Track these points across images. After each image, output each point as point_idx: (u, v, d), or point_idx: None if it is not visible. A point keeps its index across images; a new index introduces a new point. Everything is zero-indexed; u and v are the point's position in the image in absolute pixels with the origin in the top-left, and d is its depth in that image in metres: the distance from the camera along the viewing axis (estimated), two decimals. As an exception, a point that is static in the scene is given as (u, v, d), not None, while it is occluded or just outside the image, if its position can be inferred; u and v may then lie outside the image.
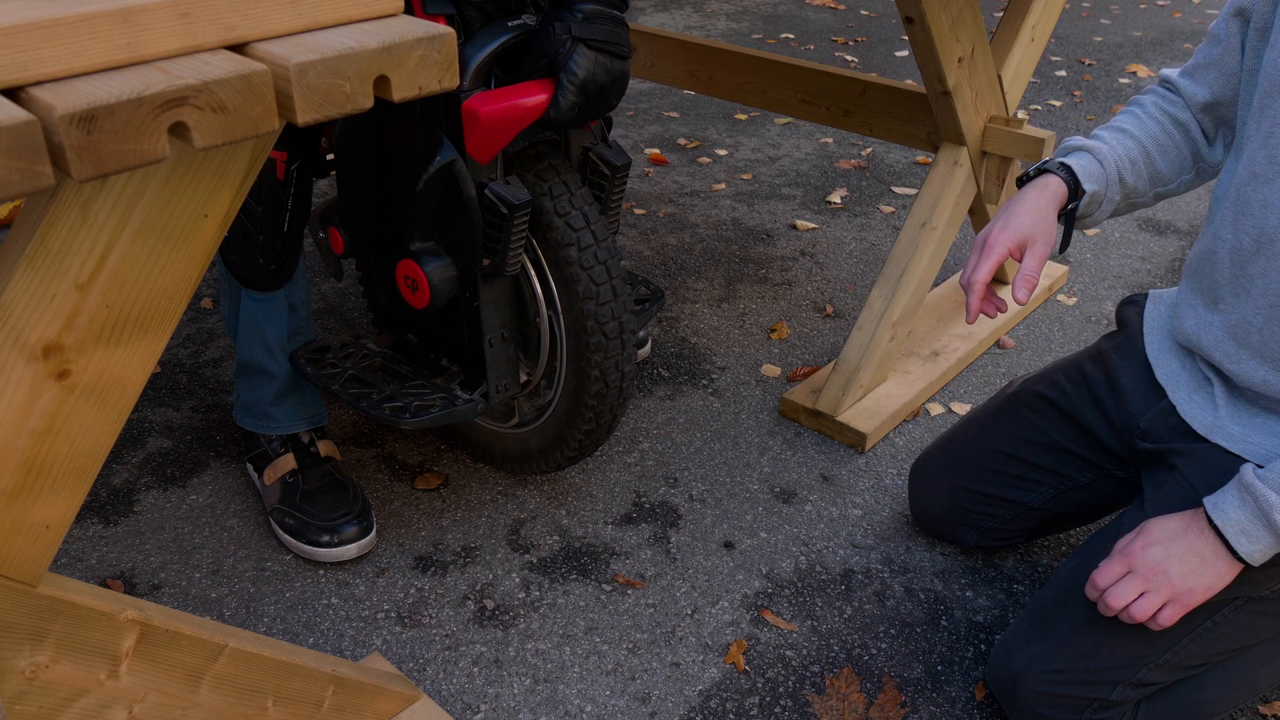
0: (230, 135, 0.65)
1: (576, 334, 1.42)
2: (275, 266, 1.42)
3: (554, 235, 1.37)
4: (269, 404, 1.59)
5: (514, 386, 1.51)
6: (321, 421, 1.64)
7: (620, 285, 1.42)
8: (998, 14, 4.06)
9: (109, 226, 0.77)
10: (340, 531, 1.51)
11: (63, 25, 0.61)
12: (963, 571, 1.53)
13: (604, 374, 1.43)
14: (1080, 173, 1.29)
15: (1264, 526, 1.05)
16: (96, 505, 1.64)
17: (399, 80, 0.71)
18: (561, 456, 1.56)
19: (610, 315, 1.41)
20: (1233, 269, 1.17)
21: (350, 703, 1.18)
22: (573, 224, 1.37)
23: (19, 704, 0.90)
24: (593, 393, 1.45)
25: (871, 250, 2.45)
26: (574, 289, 1.39)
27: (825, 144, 3.06)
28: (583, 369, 1.43)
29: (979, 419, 1.50)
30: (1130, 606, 1.10)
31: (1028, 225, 1.26)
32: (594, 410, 1.47)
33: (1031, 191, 1.28)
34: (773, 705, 1.32)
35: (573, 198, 1.38)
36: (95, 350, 0.81)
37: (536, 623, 1.44)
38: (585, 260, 1.38)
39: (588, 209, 1.39)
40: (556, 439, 1.54)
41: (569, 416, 1.50)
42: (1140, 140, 1.33)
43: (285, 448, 1.60)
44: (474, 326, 1.44)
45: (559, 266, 1.39)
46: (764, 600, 1.48)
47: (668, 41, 2.22)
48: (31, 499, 0.84)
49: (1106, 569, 1.13)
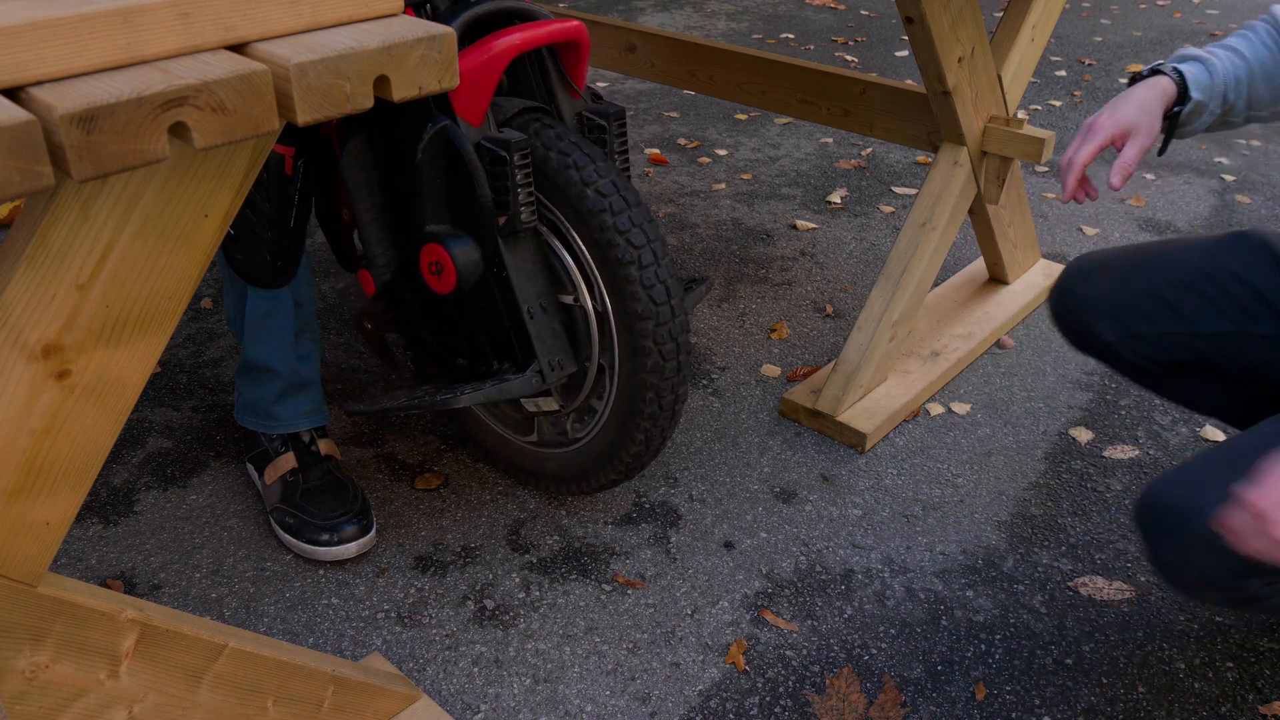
0: (230, 135, 0.65)
1: (621, 301, 1.35)
2: (282, 263, 1.42)
3: (584, 205, 1.33)
4: (272, 403, 1.59)
5: (569, 363, 1.43)
6: (322, 421, 1.64)
7: (660, 248, 1.36)
8: (998, 14, 4.06)
9: (109, 226, 0.77)
10: (340, 530, 1.51)
11: (63, 25, 0.61)
12: (962, 571, 1.53)
13: (658, 344, 1.36)
14: (1190, 80, 1.31)
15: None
16: (96, 505, 1.64)
17: (399, 80, 0.71)
18: (605, 478, 1.51)
19: (654, 277, 1.34)
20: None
21: (350, 703, 1.18)
22: (602, 190, 1.33)
23: (19, 704, 0.90)
24: (649, 366, 1.37)
25: (871, 250, 2.45)
26: (610, 254, 1.33)
27: (825, 144, 3.06)
28: (635, 343, 1.37)
29: (1190, 240, 1.43)
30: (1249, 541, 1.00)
31: (1134, 115, 1.29)
32: (654, 389, 1.39)
33: (1141, 88, 1.31)
34: (773, 705, 1.32)
35: (586, 151, 1.35)
36: (95, 350, 0.81)
37: (536, 623, 1.44)
38: (620, 224, 1.33)
39: (601, 159, 1.35)
40: (605, 454, 1.48)
41: (624, 415, 1.43)
42: (1249, 62, 1.34)
43: (286, 447, 1.60)
44: (509, 300, 1.38)
45: (588, 229, 1.34)
46: (764, 600, 1.48)
47: (668, 41, 2.22)
48: (31, 499, 0.84)
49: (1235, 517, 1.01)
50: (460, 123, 1.32)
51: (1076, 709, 1.33)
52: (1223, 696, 1.34)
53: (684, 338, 1.39)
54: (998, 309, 2.13)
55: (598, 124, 1.43)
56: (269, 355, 1.55)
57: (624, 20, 2.99)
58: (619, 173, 1.36)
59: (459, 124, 1.32)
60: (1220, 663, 1.39)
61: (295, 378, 1.58)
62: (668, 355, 1.37)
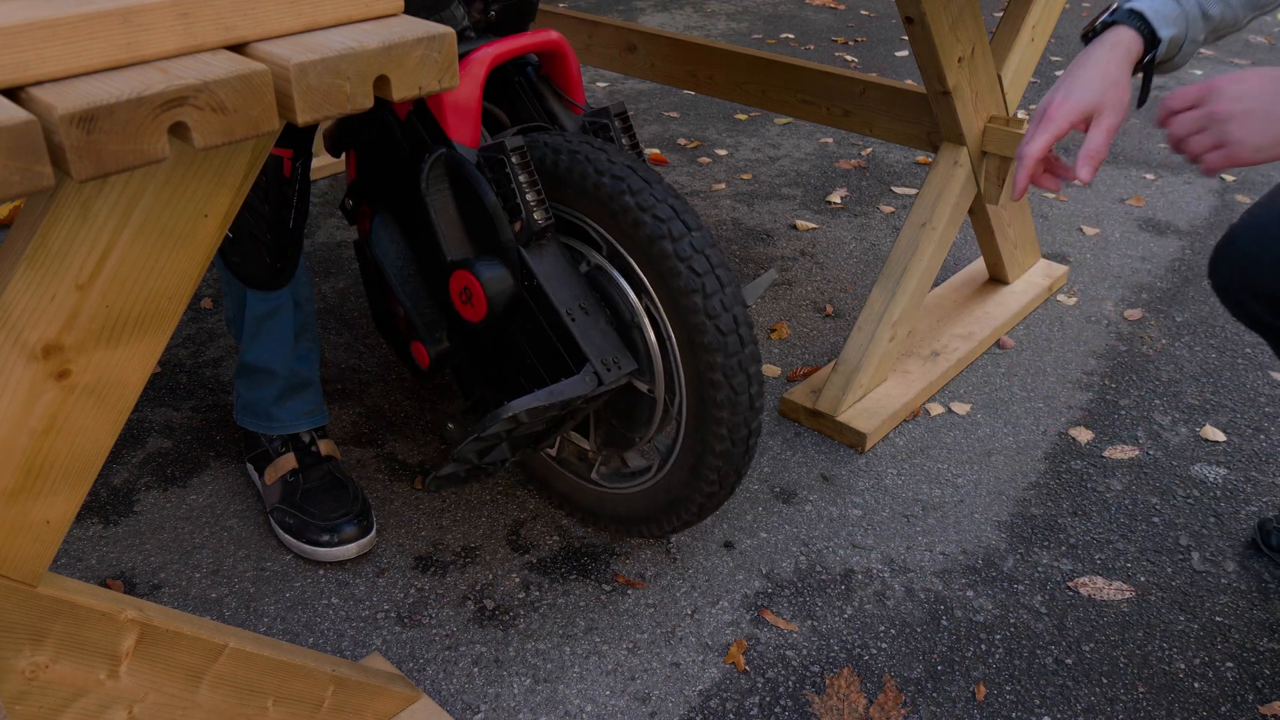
0: (230, 135, 0.65)
1: (686, 332, 1.27)
2: (281, 264, 1.43)
3: (626, 220, 1.26)
4: (271, 403, 1.59)
5: (626, 361, 1.31)
6: (322, 421, 1.64)
7: (726, 274, 1.26)
8: (998, 14, 4.06)
9: (109, 226, 0.77)
10: (340, 531, 1.51)
11: (63, 25, 0.61)
12: (962, 571, 1.53)
13: (727, 377, 1.27)
14: (1154, 17, 1.13)
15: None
16: (96, 505, 1.64)
17: (399, 80, 0.71)
18: (701, 494, 1.40)
19: (720, 305, 1.25)
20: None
21: (350, 703, 1.18)
22: (633, 188, 1.26)
23: (19, 704, 0.90)
24: (714, 364, 1.27)
25: (871, 250, 2.45)
26: (674, 284, 1.24)
27: (825, 144, 3.06)
28: (701, 375, 1.27)
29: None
30: (1186, 141, 1.04)
31: (1095, 92, 1.11)
32: (727, 406, 1.29)
33: (1098, 51, 1.12)
34: (773, 705, 1.32)
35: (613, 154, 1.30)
36: (95, 350, 0.81)
37: (536, 623, 1.44)
38: (682, 250, 1.24)
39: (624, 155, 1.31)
40: (683, 489, 1.38)
41: (697, 442, 1.33)
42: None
43: (286, 447, 1.60)
44: (546, 309, 1.31)
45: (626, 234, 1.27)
46: (764, 600, 1.48)
47: (668, 41, 2.22)
48: (31, 499, 0.84)
49: (1184, 91, 1.04)
50: (457, 147, 1.32)
51: (1076, 709, 1.33)
52: (1223, 696, 1.34)
53: (755, 369, 1.29)
54: (998, 309, 2.13)
55: (600, 124, 1.40)
56: (268, 357, 1.55)
57: (624, 20, 2.99)
58: (676, 196, 1.28)
59: (456, 148, 1.32)
60: (1220, 663, 1.39)
61: (295, 379, 1.58)
62: (739, 388, 1.28)
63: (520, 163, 1.29)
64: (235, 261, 1.43)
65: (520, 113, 1.45)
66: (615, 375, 1.30)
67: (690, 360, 1.28)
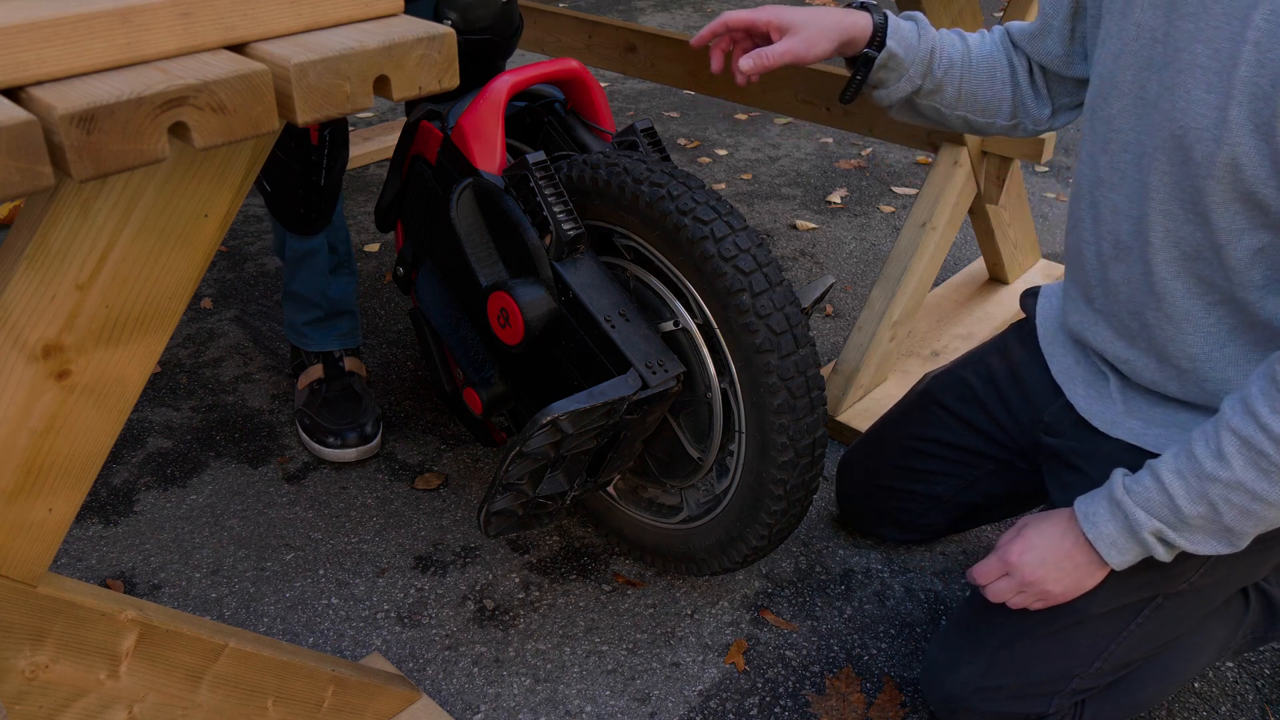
0: (230, 135, 0.65)
1: (732, 327, 1.21)
2: (315, 215, 1.54)
3: (671, 225, 1.22)
4: (307, 325, 1.80)
5: (673, 364, 1.25)
6: (354, 343, 1.84)
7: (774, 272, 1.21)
8: (998, 14, 4.06)
9: (109, 226, 0.77)
10: (344, 436, 1.71)
11: (63, 25, 0.61)
12: (963, 572, 1.53)
13: (784, 380, 1.21)
14: (892, 28, 1.24)
15: (1133, 541, 1.06)
16: (96, 505, 1.64)
17: (399, 80, 0.71)
18: (719, 565, 1.36)
19: (770, 304, 1.20)
20: (1099, 271, 1.16)
21: (350, 703, 1.18)
22: (681, 200, 1.22)
23: (19, 704, 0.90)
24: (769, 367, 1.20)
25: (871, 250, 2.45)
26: (719, 284, 1.20)
27: (825, 144, 3.06)
28: (756, 380, 1.21)
29: (892, 415, 1.50)
30: (1007, 600, 1.15)
31: (803, 19, 1.22)
32: (787, 429, 1.22)
33: (833, 9, 1.24)
34: (773, 705, 1.32)
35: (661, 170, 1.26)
36: (95, 350, 0.81)
37: (536, 623, 1.44)
38: (726, 250, 1.20)
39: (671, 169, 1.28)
40: (740, 525, 1.31)
41: (758, 462, 1.26)
42: (969, 52, 1.28)
43: (318, 359, 1.82)
44: (586, 320, 1.26)
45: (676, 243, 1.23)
46: (764, 600, 1.48)
47: (668, 41, 2.22)
48: (31, 499, 0.84)
49: (985, 567, 1.15)
50: (484, 175, 1.34)
51: (1076, 709, 1.33)
52: (1222, 696, 1.34)
53: (814, 372, 1.22)
54: (998, 309, 2.13)
55: (629, 142, 1.36)
56: (306, 289, 1.75)
57: (624, 20, 2.99)
58: (718, 198, 1.24)
59: (483, 176, 1.33)
60: (1220, 663, 1.38)
61: (330, 308, 1.78)
62: (797, 392, 1.21)
63: (544, 177, 1.27)
64: (274, 208, 1.57)
65: (553, 149, 1.47)
66: (661, 377, 1.23)
67: (742, 362, 1.22)
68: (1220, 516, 1.00)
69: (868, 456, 1.51)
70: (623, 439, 1.29)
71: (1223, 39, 0.95)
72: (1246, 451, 0.96)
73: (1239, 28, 0.93)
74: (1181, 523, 1.02)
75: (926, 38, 1.26)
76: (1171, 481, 1.01)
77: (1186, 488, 1.01)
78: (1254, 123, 0.93)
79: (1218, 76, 0.95)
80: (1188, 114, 0.98)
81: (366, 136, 2.95)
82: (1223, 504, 0.99)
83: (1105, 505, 1.07)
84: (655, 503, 1.46)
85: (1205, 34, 0.96)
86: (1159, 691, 1.25)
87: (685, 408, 1.32)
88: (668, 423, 1.34)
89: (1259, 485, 0.96)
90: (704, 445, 1.32)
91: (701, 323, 1.25)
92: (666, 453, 1.37)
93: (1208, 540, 1.02)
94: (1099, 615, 1.15)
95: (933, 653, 1.25)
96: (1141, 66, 1.05)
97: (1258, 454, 0.96)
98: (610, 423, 1.23)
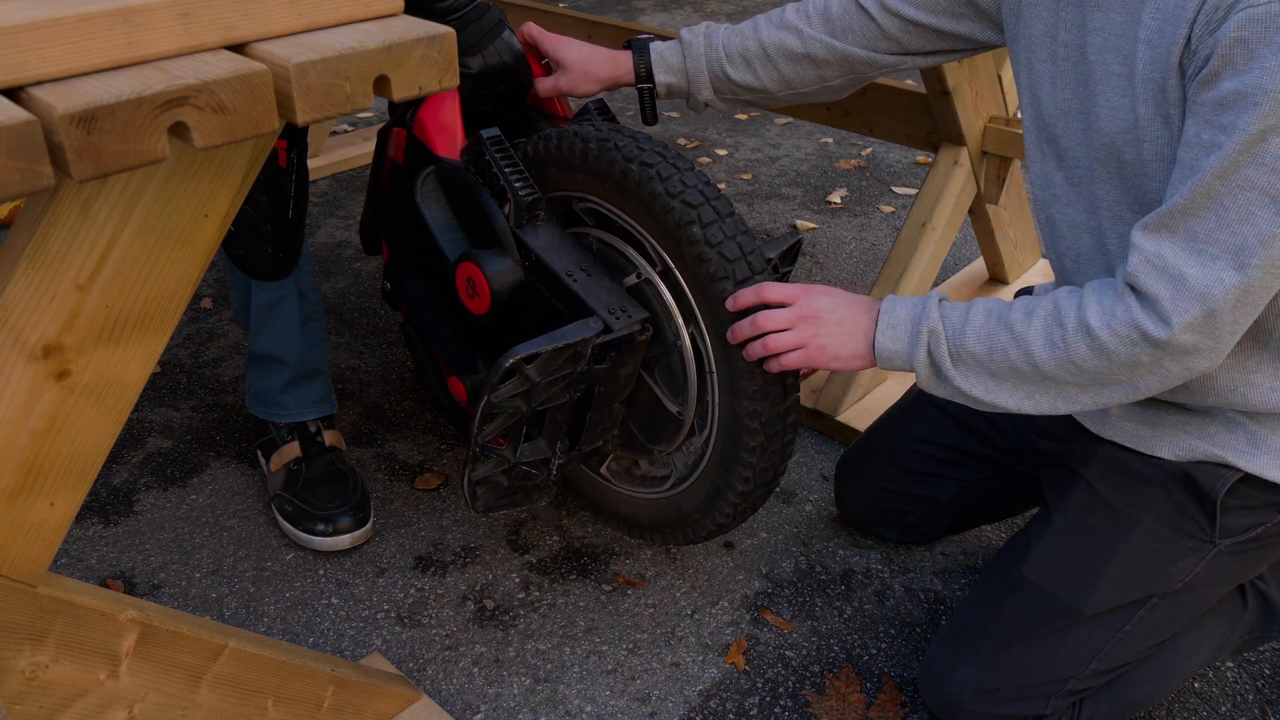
0: (230, 135, 0.65)
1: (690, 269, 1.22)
2: (284, 254, 1.45)
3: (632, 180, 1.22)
4: (279, 392, 1.62)
5: (635, 310, 1.25)
6: (329, 410, 1.66)
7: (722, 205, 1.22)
8: None
9: (109, 226, 0.77)
10: (336, 521, 1.52)
11: (63, 25, 0.61)
12: (962, 571, 1.53)
13: None
14: (656, 61, 1.35)
15: (910, 333, 1.09)
16: (96, 505, 1.64)
17: (399, 80, 0.71)
18: (713, 523, 1.35)
19: (723, 233, 1.20)
20: (1072, 280, 1.18)
21: (350, 703, 1.18)
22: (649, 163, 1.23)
23: (19, 704, 0.90)
24: (726, 295, 1.19)
25: (871, 250, 2.45)
26: (671, 219, 1.20)
27: (825, 144, 3.06)
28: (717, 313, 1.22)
29: (890, 416, 1.51)
30: (769, 337, 1.14)
31: (571, 58, 1.35)
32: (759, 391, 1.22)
33: (605, 51, 1.36)
34: (773, 705, 1.32)
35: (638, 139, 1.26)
36: (95, 350, 0.81)
37: (536, 623, 1.44)
38: (672, 186, 1.20)
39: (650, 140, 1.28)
40: (711, 496, 1.33)
41: (730, 440, 1.27)
42: (762, 40, 1.33)
43: (292, 436, 1.62)
44: (548, 278, 1.28)
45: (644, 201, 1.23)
46: (764, 600, 1.48)
47: (668, 41, 2.22)
48: (31, 499, 0.84)
49: (778, 286, 1.15)
50: (445, 160, 1.36)
51: (1076, 709, 1.33)
52: (1222, 696, 1.34)
53: None
54: (998, 309, 2.13)
55: (584, 118, 1.41)
56: (276, 345, 1.58)
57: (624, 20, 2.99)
58: (707, 181, 1.24)
59: (444, 161, 1.36)
60: (1220, 663, 1.38)
61: (303, 366, 1.61)
62: None
63: (498, 150, 1.30)
64: (238, 253, 1.45)
65: (510, 135, 1.48)
66: (624, 321, 1.23)
67: (726, 371, 1.23)
68: (993, 359, 1.05)
69: (867, 457, 1.52)
70: (598, 396, 1.30)
71: (1125, 45, 1.00)
72: (1051, 319, 1.02)
73: (1134, 30, 0.98)
74: (959, 345, 1.07)
75: (696, 54, 1.34)
76: (977, 313, 1.07)
77: (985, 323, 1.06)
78: (1161, 116, 0.98)
79: (1125, 81, 1.00)
80: (1112, 121, 1.03)
81: (366, 137, 2.95)
82: (1000, 352, 1.05)
83: (917, 299, 1.11)
84: (647, 477, 1.47)
85: (1112, 44, 1.01)
86: (1157, 691, 1.25)
87: (659, 362, 1.33)
88: (645, 383, 1.35)
89: (1039, 350, 1.02)
90: (682, 398, 1.32)
91: (662, 270, 1.27)
92: (648, 414, 1.38)
93: (967, 375, 1.07)
94: (1095, 617, 1.15)
95: (931, 656, 1.25)
96: (1077, 83, 1.08)
97: (1058, 325, 1.01)
98: (578, 370, 1.23)
